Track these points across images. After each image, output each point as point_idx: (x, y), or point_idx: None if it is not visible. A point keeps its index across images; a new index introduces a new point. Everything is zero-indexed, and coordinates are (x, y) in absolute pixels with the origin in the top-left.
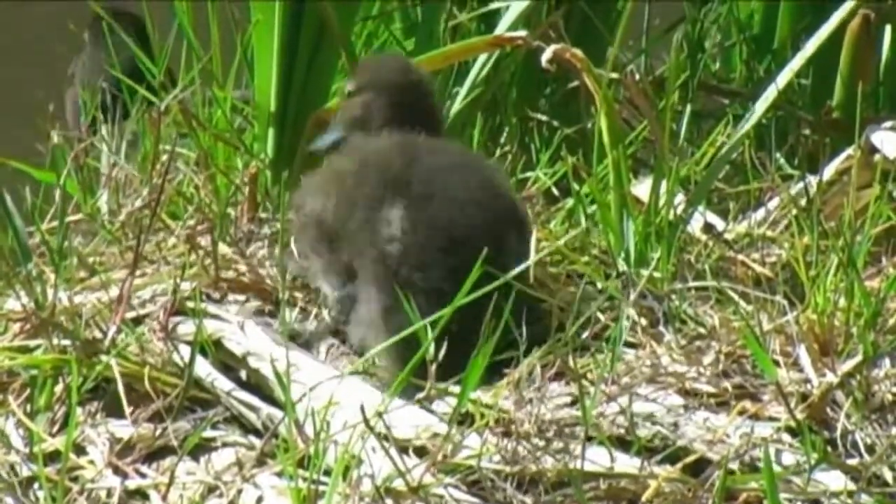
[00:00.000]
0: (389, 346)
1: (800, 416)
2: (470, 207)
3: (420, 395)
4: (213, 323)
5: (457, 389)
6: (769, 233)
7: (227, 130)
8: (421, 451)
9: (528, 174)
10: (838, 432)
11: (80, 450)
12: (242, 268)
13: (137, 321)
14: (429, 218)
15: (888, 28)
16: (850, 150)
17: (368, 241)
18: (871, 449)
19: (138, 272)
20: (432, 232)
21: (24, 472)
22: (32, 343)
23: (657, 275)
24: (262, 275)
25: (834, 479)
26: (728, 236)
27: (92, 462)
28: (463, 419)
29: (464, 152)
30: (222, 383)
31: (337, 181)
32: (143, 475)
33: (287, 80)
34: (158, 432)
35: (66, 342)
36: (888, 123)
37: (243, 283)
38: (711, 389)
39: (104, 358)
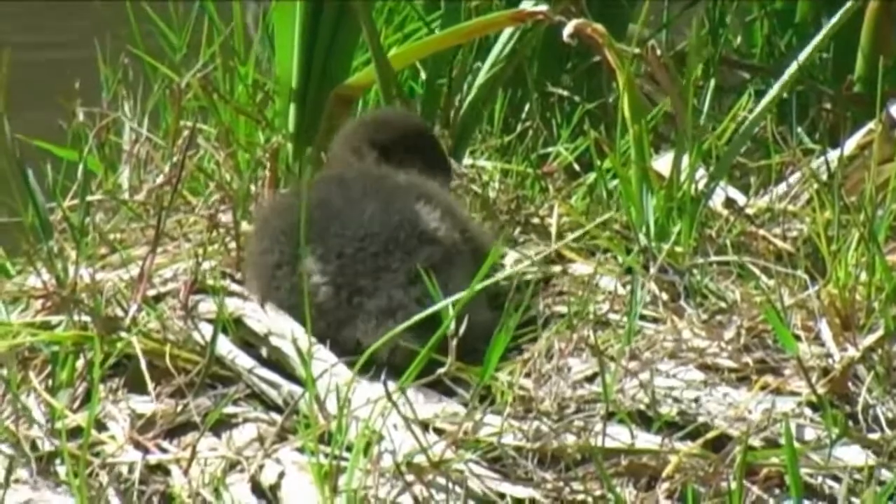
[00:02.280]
0: None
1: (821, 390)
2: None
3: (441, 371)
4: (233, 301)
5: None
6: (790, 207)
7: (249, 105)
8: (441, 431)
9: (550, 149)
10: (859, 407)
11: (101, 426)
12: None
13: (158, 298)
14: None
15: None
16: (871, 125)
17: None
18: (892, 423)
19: (160, 249)
20: None
21: (46, 446)
22: (54, 319)
23: (678, 249)
24: None
25: (855, 454)
26: (749, 211)
27: (113, 437)
28: (483, 397)
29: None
30: (243, 360)
31: None
32: (164, 450)
33: (308, 55)
34: (179, 408)
35: (87, 319)
36: None
37: None
38: (733, 364)
39: (125, 335)
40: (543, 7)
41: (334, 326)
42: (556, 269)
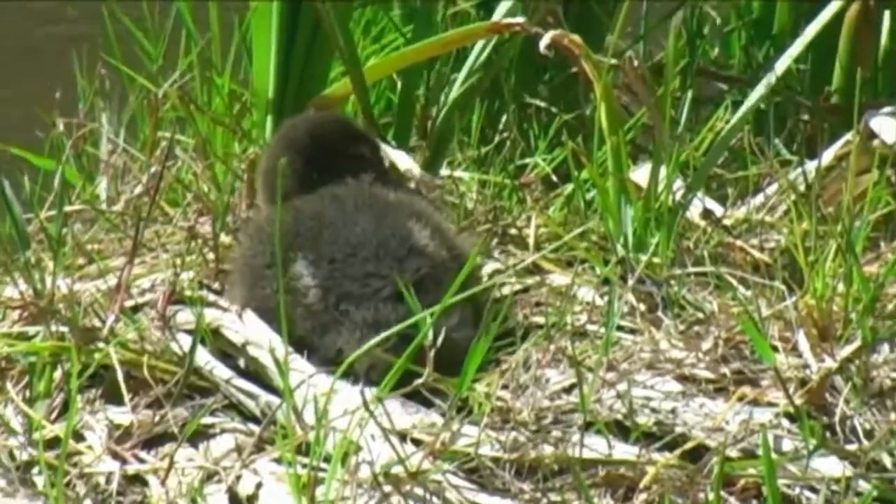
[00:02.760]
0: None
1: (798, 401)
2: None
3: (419, 382)
4: (211, 311)
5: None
6: (768, 218)
7: (226, 115)
8: (419, 441)
9: (527, 160)
10: (837, 418)
11: (78, 436)
12: None
13: (136, 309)
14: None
15: (887, 13)
16: (848, 136)
17: None
18: (869, 434)
19: (138, 260)
20: None
21: (24, 456)
22: (31, 330)
23: (656, 260)
24: None
25: (832, 465)
26: (727, 222)
27: (90, 447)
28: (461, 407)
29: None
30: (221, 371)
31: None
32: (141, 461)
33: (285, 66)
34: (157, 419)
35: (65, 329)
36: (887, 109)
37: None
38: (710, 375)
39: (102, 346)
40: (520, 18)
41: (319, 330)
42: (534, 279)
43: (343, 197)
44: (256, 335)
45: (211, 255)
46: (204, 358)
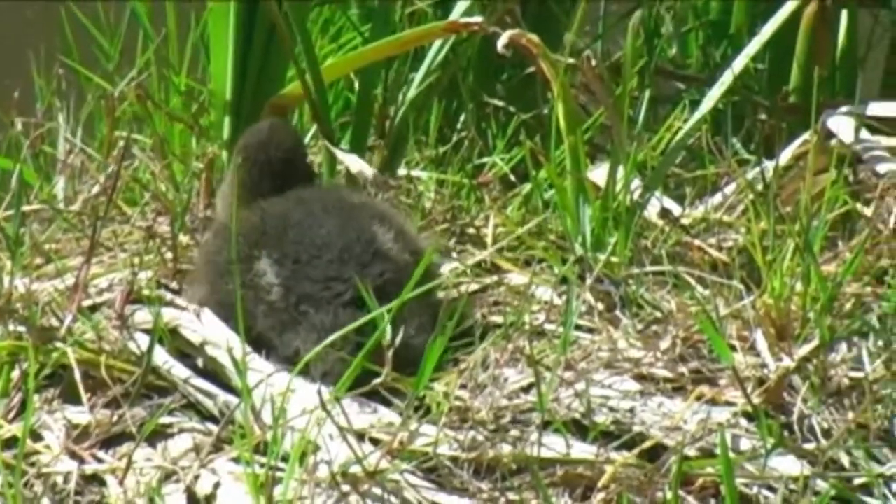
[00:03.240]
0: None
1: (756, 400)
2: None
3: (377, 381)
4: (169, 311)
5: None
6: (726, 218)
7: (184, 114)
8: (377, 441)
9: (485, 160)
10: (795, 417)
11: (36, 436)
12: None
13: (94, 309)
14: None
15: (844, 13)
16: (806, 135)
17: None
18: (827, 433)
19: (96, 259)
20: None
21: None
22: None
23: (614, 259)
24: None
25: (790, 464)
26: (685, 221)
27: (48, 447)
28: (419, 407)
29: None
30: (179, 371)
31: None
32: (99, 460)
33: (243, 65)
34: (115, 418)
35: (22, 329)
36: (844, 108)
37: None
38: (668, 374)
39: (60, 345)
40: (478, 18)
41: (278, 328)
42: (492, 279)
43: (309, 199)
44: (214, 335)
45: (169, 255)
46: (162, 357)
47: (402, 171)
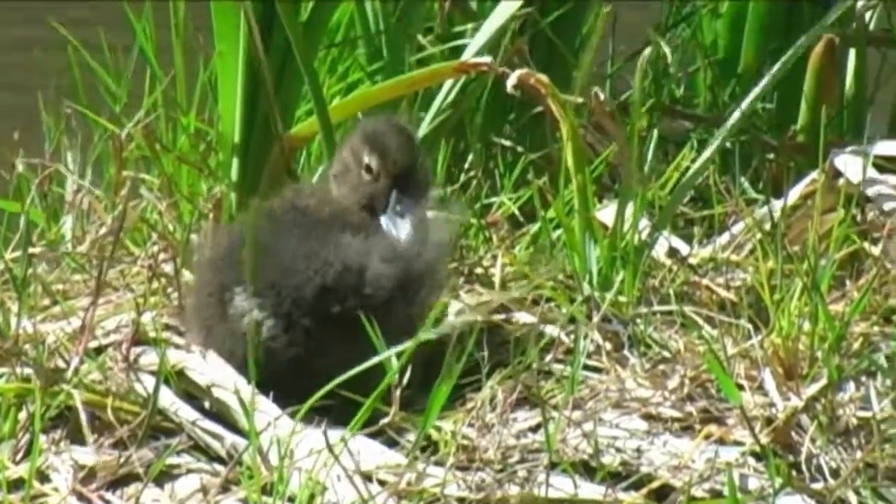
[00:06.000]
0: None
1: (764, 440)
2: None
3: (384, 421)
4: (176, 353)
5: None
6: (734, 257)
7: (192, 154)
8: (384, 481)
9: (493, 199)
10: (803, 456)
11: (44, 477)
12: None
13: (100, 350)
14: None
15: (852, 53)
16: (814, 175)
17: None
18: (835, 473)
19: (103, 299)
20: None
21: None
22: None
23: (622, 299)
24: None
25: None
26: (692, 261)
27: (56, 489)
28: (426, 446)
29: None
30: (186, 412)
31: None
32: (107, 502)
33: (252, 105)
34: (122, 460)
35: (30, 371)
36: (852, 148)
37: None
38: (676, 414)
39: (66, 387)
40: (487, 58)
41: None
42: (500, 317)
43: (277, 213)
44: (221, 376)
45: (175, 295)
46: (169, 399)
47: None
